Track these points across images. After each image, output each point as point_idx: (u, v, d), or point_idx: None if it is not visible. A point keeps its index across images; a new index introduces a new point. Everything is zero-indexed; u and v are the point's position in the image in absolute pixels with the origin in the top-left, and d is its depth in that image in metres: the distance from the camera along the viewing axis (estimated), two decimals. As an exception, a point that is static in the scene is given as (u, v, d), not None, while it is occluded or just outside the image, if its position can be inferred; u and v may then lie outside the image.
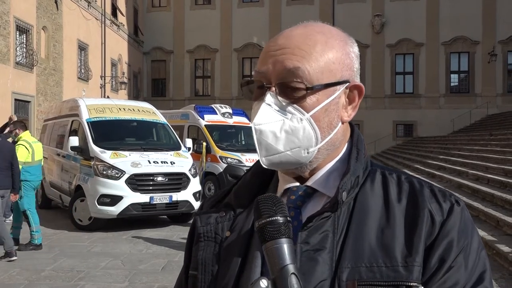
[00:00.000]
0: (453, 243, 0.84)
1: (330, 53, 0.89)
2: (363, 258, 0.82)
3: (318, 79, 0.87)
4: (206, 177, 13.24)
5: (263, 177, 0.99)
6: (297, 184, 0.93)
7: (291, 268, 0.75)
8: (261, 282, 0.76)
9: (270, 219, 0.79)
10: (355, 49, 0.94)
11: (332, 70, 0.89)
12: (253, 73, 0.93)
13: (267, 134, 0.87)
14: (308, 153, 0.89)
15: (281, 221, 0.79)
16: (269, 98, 0.88)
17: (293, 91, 0.87)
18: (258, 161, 0.94)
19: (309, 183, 0.92)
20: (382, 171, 0.93)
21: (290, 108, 0.87)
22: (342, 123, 0.92)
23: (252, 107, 0.91)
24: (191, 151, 10.84)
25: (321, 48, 0.88)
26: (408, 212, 0.86)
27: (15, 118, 11.37)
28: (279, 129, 0.87)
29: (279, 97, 0.88)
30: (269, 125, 0.87)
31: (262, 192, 0.98)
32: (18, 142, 7.62)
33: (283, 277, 0.75)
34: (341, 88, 0.91)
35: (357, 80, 0.94)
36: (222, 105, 15.73)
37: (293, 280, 0.74)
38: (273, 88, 0.88)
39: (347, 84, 0.91)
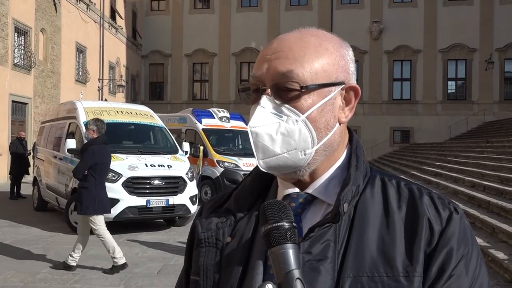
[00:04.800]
0: (453, 252, 0.83)
1: (324, 54, 0.89)
2: (365, 267, 0.82)
3: (313, 80, 0.87)
4: (203, 181, 13.24)
5: (262, 182, 0.98)
6: (297, 190, 0.93)
7: (296, 273, 0.75)
8: (266, 287, 0.76)
9: (276, 224, 0.79)
10: (350, 53, 0.94)
11: (327, 71, 0.89)
12: (250, 78, 0.93)
13: (263, 137, 0.87)
14: (305, 154, 0.88)
15: (287, 226, 0.79)
16: (264, 100, 0.88)
17: (287, 92, 0.87)
18: (257, 166, 0.93)
19: (309, 190, 0.92)
20: (382, 177, 0.93)
21: (285, 110, 0.87)
22: (340, 124, 0.92)
23: (250, 111, 0.91)
24: (188, 154, 10.83)
25: (314, 50, 0.89)
26: (408, 221, 0.86)
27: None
28: (275, 131, 0.87)
29: (274, 99, 0.88)
30: (265, 127, 0.87)
31: (262, 197, 0.98)
32: None
33: (288, 282, 0.75)
34: (336, 89, 0.90)
35: (352, 82, 0.93)
36: (219, 109, 15.75)
37: (298, 285, 0.75)
38: (268, 91, 0.88)
39: (343, 85, 0.91)
